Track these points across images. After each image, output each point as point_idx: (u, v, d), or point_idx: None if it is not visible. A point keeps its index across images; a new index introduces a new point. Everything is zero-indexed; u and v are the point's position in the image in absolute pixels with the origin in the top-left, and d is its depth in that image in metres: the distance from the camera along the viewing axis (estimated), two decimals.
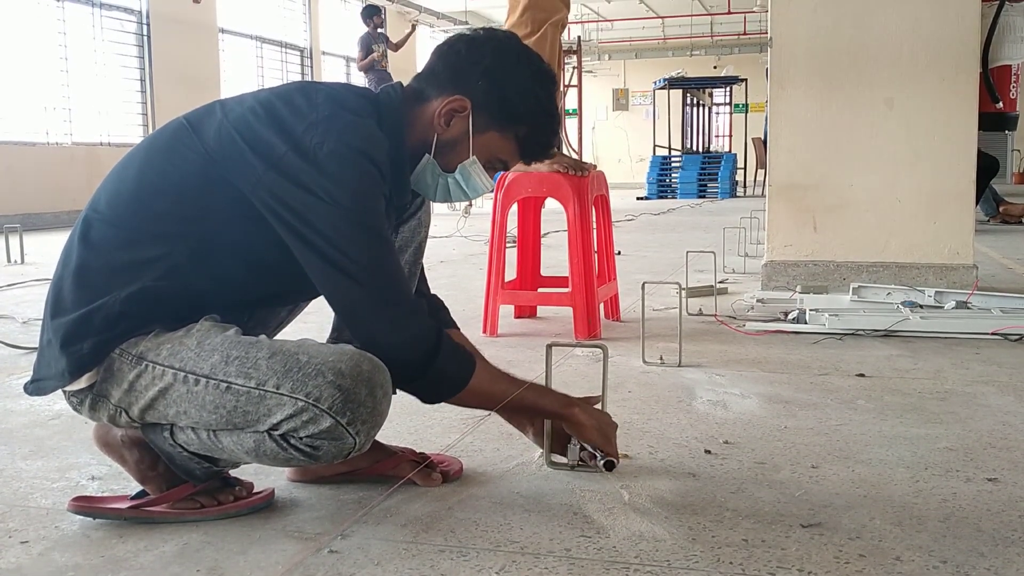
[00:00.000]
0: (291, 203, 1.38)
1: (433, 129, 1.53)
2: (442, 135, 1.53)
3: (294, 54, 14.43)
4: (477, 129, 1.53)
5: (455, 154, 1.54)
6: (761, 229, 5.03)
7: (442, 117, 1.52)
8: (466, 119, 1.52)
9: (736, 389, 2.31)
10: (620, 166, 21.52)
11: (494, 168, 1.59)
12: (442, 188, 1.57)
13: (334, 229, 1.37)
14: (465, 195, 1.58)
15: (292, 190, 1.37)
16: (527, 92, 1.54)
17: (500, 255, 3.15)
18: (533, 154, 1.60)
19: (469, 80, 1.51)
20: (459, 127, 1.53)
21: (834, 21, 3.77)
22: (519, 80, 1.53)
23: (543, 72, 1.57)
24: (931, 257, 3.74)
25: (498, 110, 1.53)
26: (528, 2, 3.13)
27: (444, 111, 1.51)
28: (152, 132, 1.51)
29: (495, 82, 1.52)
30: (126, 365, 1.40)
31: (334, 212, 1.37)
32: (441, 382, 1.47)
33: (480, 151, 1.55)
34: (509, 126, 1.54)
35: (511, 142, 1.56)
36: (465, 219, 7.79)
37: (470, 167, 1.55)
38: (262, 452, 1.38)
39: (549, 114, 1.57)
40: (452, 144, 1.54)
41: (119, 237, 1.43)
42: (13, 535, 1.43)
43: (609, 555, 1.33)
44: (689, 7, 19.16)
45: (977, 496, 1.55)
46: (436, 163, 1.54)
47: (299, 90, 1.48)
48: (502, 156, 1.58)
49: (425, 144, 1.54)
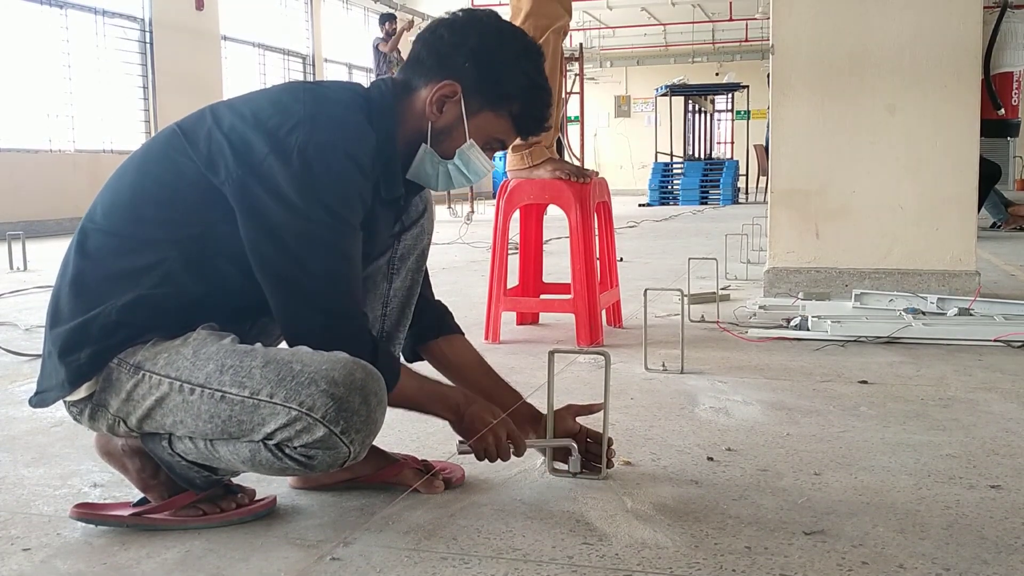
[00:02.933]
0: (260, 210, 1.38)
1: (426, 117, 1.52)
2: (436, 122, 1.52)
3: (296, 61, 14.47)
4: (470, 111, 1.52)
5: (451, 140, 1.54)
6: (763, 236, 5.03)
7: (433, 104, 1.51)
8: (458, 103, 1.51)
9: (738, 396, 2.31)
10: (622, 173, 21.53)
11: (493, 149, 1.59)
12: (443, 175, 1.56)
13: (296, 241, 1.38)
14: (467, 179, 1.57)
15: (264, 198, 1.38)
16: (516, 68, 1.53)
17: (502, 262, 3.15)
18: (529, 129, 1.59)
19: (456, 64, 1.50)
20: (452, 112, 1.52)
21: (835, 28, 3.78)
22: (506, 57, 1.52)
23: (529, 46, 1.56)
24: (933, 264, 3.74)
25: (489, 90, 1.52)
26: (530, 9, 3.13)
27: (435, 98, 1.51)
28: (147, 140, 1.52)
29: (482, 62, 1.51)
30: (124, 374, 1.40)
31: (301, 225, 1.38)
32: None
33: (476, 133, 1.54)
34: (502, 104, 1.54)
35: (506, 120, 1.55)
36: (467, 226, 7.80)
37: (468, 151, 1.54)
38: (258, 462, 1.38)
39: (540, 87, 1.56)
40: (447, 130, 1.53)
41: (115, 246, 1.43)
42: (15, 542, 1.43)
43: (611, 562, 1.32)
44: (691, 14, 19.19)
45: (980, 503, 1.55)
46: (434, 152, 1.54)
47: (287, 89, 1.49)
48: (499, 135, 1.57)
49: (420, 134, 1.53)
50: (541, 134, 1.64)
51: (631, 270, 5.11)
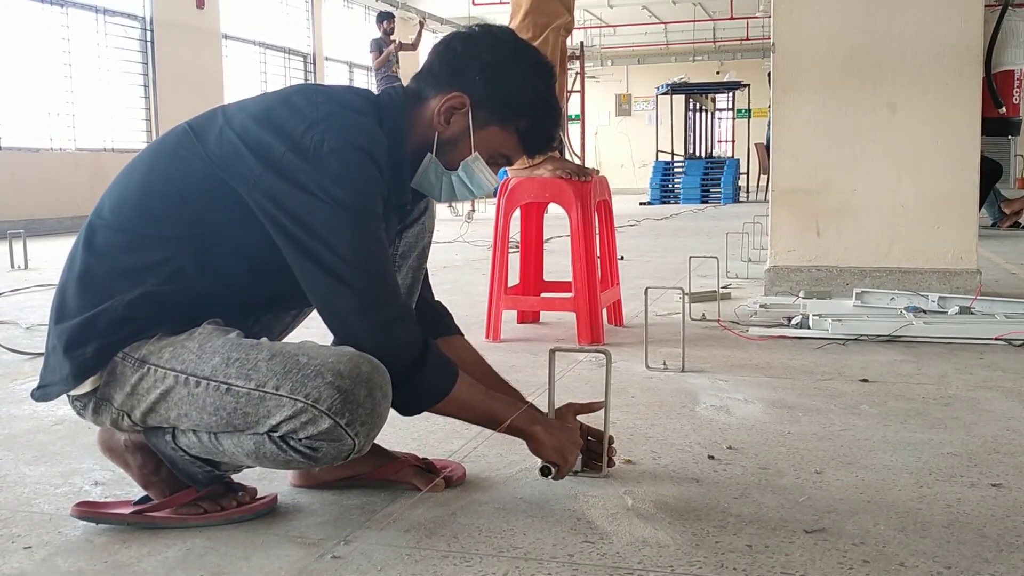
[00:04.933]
0: (286, 204, 1.38)
1: (433, 128, 1.53)
2: (442, 133, 1.53)
3: (297, 60, 14.46)
4: (477, 125, 1.52)
5: (457, 152, 1.54)
6: (764, 234, 5.03)
7: (441, 115, 1.51)
8: (466, 115, 1.52)
9: (739, 394, 2.31)
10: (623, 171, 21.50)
11: (497, 164, 1.59)
12: (447, 187, 1.56)
13: (329, 229, 1.38)
14: (470, 192, 1.57)
15: (289, 190, 1.38)
16: (525, 85, 1.53)
17: (503, 260, 3.15)
18: (535, 147, 1.59)
19: (467, 76, 1.51)
20: (459, 124, 1.52)
21: (837, 26, 3.78)
22: (517, 74, 1.53)
23: (541, 64, 1.56)
24: (934, 262, 3.74)
25: (497, 105, 1.52)
26: (529, 7, 3.13)
27: (443, 108, 1.51)
28: (157, 138, 1.52)
29: (493, 77, 1.51)
30: (129, 369, 1.40)
31: (330, 212, 1.38)
32: (421, 393, 1.47)
33: (482, 147, 1.54)
34: (509, 120, 1.54)
35: (512, 136, 1.55)
36: (468, 224, 7.80)
37: (472, 163, 1.54)
38: (262, 454, 1.38)
39: (549, 106, 1.56)
40: (453, 142, 1.53)
41: (123, 242, 1.44)
42: (16, 540, 1.43)
43: (612, 561, 1.32)
44: (692, 13, 19.17)
45: (981, 501, 1.54)
46: (439, 162, 1.54)
47: (299, 92, 1.49)
48: (504, 151, 1.57)
49: (426, 144, 1.54)
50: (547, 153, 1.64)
51: (632, 268, 5.11)
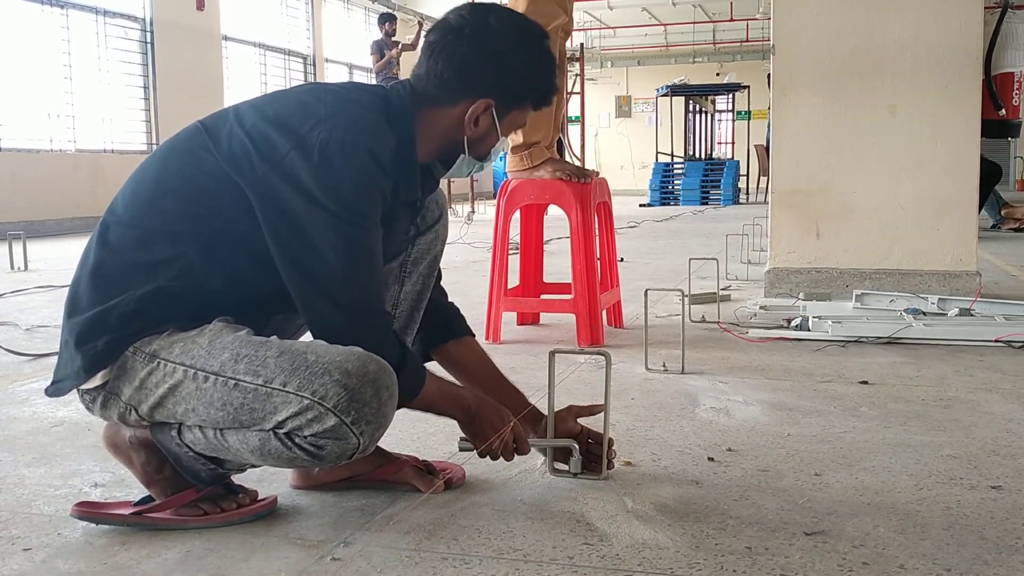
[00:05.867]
0: (282, 206, 1.41)
1: (461, 131, 1.59)
2: (472, 135, 1.60)
3: (297, 61, 14.46)
4: (501, 116, 1.60)
5: (485, 144, 1.62)
6: (764, 236, 5.03)
7: (471, 122, 1.58)
8: (491, 114, 1.59)
9: (739, 396, 2.31)
10: (622, 173, 21.51)
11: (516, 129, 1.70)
12: (475, 168, 1.68)
13: (319, 234, 1.40)
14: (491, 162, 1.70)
15: (287, 192, 1.40)
16: (533, 68, 1.60)
17: (503, 262, 3.15)
18: (546, 102, 1.67)
19: (482, 80, 1.56)
20: (486, 122, 1.59)
21: (837, 28, 3.78)
22: (523, 63, 1.59)
23: (536, 40, 1.62)
24: (934, 264, 3.74)
25: (515, 95, 1.60)
26: (526, 8, 3.12)
27: (474, 117, 1.57)
28: (171, 136, 1.55)
29: (506, 73, 1.57)
30: (139, 363, 1.41)
31: (323, 218, 1.40)
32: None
33: (506, 130, 1.64)
34: (525, 100, 1.62)
35: (527, 108, 1.64)
36: (467, 225, 7.80)
37: (500, 145, 1.65)
38: (267, 451, 1.39)
39: (550, 70, 1.64)
40: (483, 137, 1.61)
41: (135, 238, 1.46)
42: (16, 542, 1.43)
43: (612, 563, 1.32)
44: (691, 14, 19.19)
45: (981, 504, 1.55)
46: (472, 158, 1.63)
47: (309, 90, 1.53)
48: (521, 121, 1.66)
49: (447, 142, 1.59)
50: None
51: (632, 270, 5.11)
